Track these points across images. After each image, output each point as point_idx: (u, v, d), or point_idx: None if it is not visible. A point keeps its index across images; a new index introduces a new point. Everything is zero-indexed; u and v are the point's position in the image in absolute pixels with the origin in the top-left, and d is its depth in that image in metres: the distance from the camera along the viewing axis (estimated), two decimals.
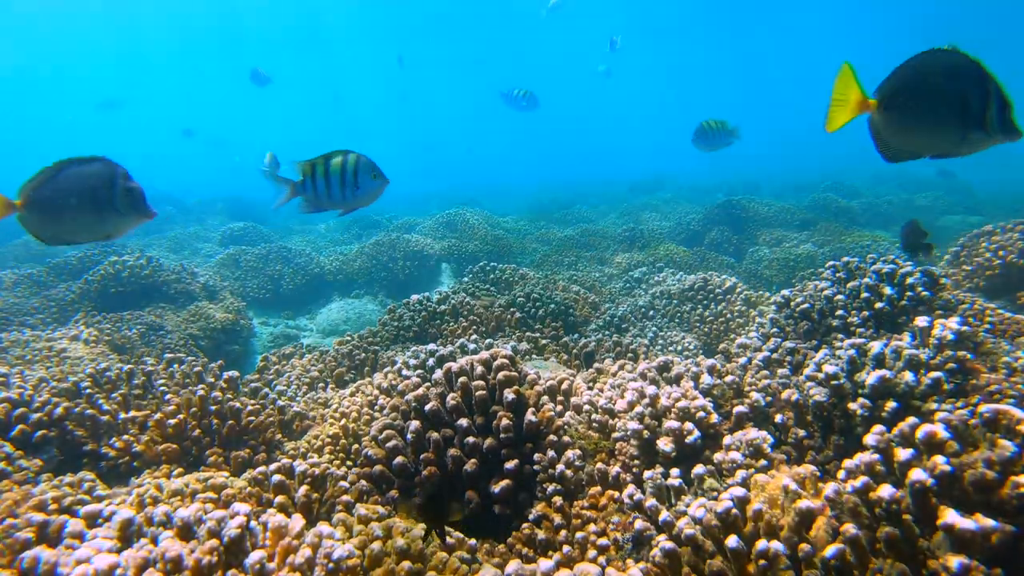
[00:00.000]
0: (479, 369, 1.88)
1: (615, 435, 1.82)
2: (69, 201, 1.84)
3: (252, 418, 2.22)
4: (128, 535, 1.21)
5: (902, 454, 1.06)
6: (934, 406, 1.57)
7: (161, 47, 39.74)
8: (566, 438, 1.82)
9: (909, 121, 1.53)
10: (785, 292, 2.61)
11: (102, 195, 1.86)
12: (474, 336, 3.18)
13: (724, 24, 34.29)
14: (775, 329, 2.52)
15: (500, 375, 1.85)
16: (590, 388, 2.29)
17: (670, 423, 1.68)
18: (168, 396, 2.35)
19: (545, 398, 1.91)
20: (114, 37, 38.34)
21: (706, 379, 1.89)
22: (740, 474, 1.48)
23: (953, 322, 1.97)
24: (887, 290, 2.26)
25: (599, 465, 1.72)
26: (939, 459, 1.02)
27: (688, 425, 1.67)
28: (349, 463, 2.13)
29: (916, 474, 1.00)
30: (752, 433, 1.62)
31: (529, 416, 1.80)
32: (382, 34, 37.23)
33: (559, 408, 2.00)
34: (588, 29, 34.99)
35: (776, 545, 1.11)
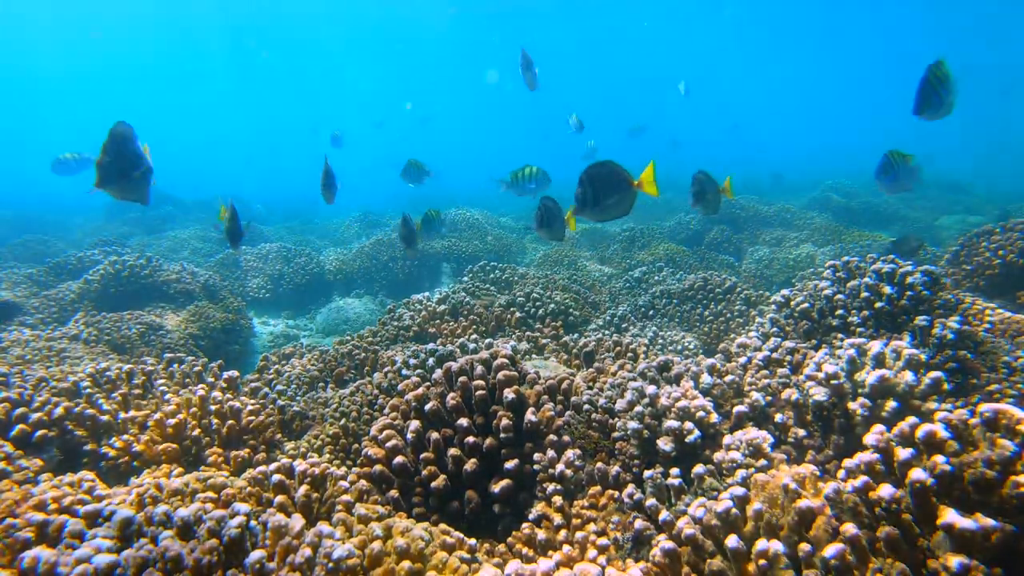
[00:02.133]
0: (479, 369, 1.88)
1: (615, 435, 1.82)
2: None
3: (252, 418, 2.22)
4: (128, 535, 1.21)
5: (902, 454, 1.06)
6: (934, 406, 1.57)
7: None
8: (566, 438, 1.82)
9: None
10: (785, 292, 2.61)
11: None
12: (474, 336, 3.18)
13: (724, 24, 34.32)
14: (775, 329, 2.52)
15: (500, 375, 1.85)
16: (590, 388, 2.29)
17: (670, 423, 1.68)
18: (168, 396, 2.35)
19: (545, 397, 1.91)
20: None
21: (706, 379, 1.89)
22: (740, 474, 1.48)
23: (953, 321, 1.97)
24: (887, 289, 2.26)
25: (599, 465, 1.72)
26: (939, 459, 1.02)
27: (688, 425, 1.67)
28: (349, 463, 2.13)
29: (916, 474, 1.00)
30: (752, 433, 1.61)
31: (529, 416, 1.80)
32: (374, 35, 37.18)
33: (559, 408, 2.00)
34: (584, 28, 35.02)
35: (776, 545, 1.11)
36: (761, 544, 1.12)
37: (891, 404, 1.58)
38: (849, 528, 1.05)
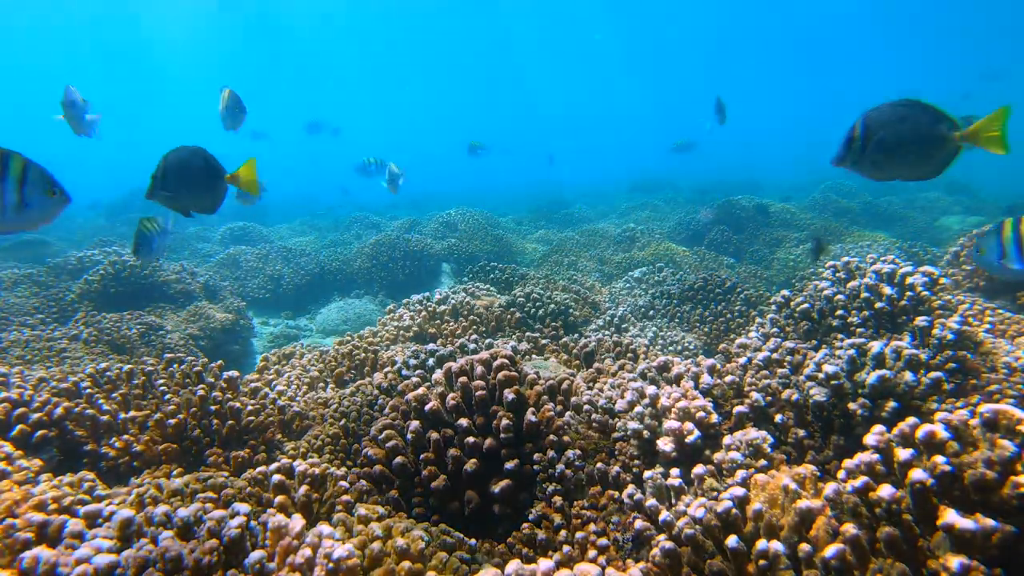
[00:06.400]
0: (479, 369, 1.88)
1: (615, 435, 1.82)
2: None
3: (252, 418, 2.22)
4: (128, 535, 1.21)
5: (902, 454, 1.06)
6: (934, 406, 1.57)
7: None
8: (566, 438, 1.82)
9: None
10: (785, 292, 2.61)
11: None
12: (474, 336, 3.18)
13: (724, 23, 34.34)
14: (775, 329, 2.52)
15: (500, 375, 1.85)
16: (590, 388, 2.29)
17: (670, 423, 1.68)
18: (168, 396, 2.35)
19: (545, 398, 1.91)
20: None
21: (706, 379, 1.89)
22: (740, 474, 1.48)
23: (953, 322, 1.97)
24: (887, 290, 2.26)
25: (599, 465, 1.72)
26: (939, 459, 1.02)
27: (688, 425, 1.67)
28: (349, 463, 2.13)
29: (916, 474, 1.00)
30: (752, 433, 1.62)
31: (529, 416, 1.80)
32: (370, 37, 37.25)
33: (559, 408, 2.00)
34: (581, 28, 35.04)
35: (776, 545, 1.11)
36: (761, 544, 1.12)
37: (891, 404, 1.58)
38: (849, 528, 1.05)
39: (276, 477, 1.63)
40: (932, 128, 1.71)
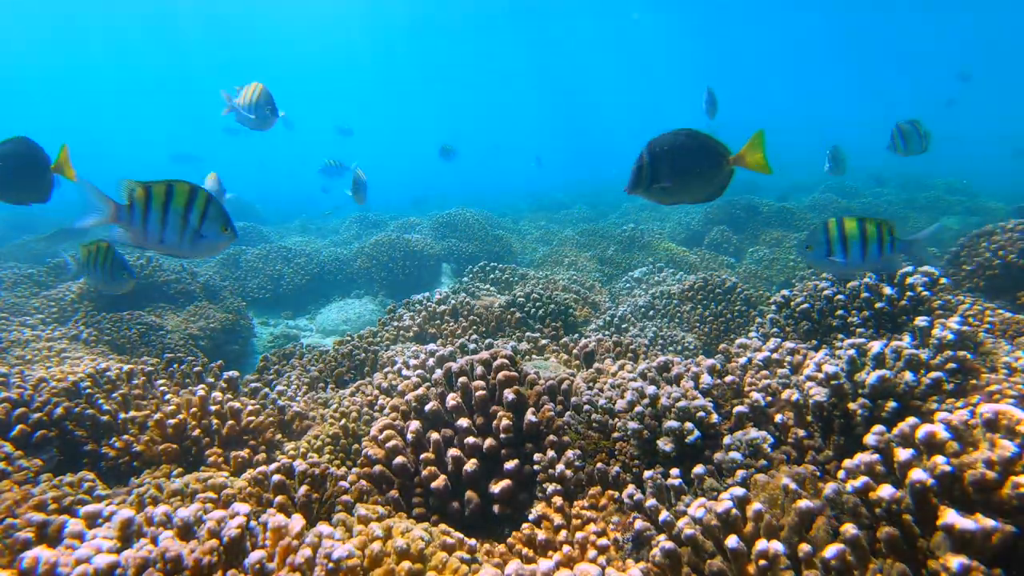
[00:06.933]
0: (479, 369, 1.88)
1: (615, 435, 1.82)
2: None
3: (252, 418, 2.22)
4: (128, 535, 1.21)
5: (902, 454, 1.06)
6: (934, 406, 1.57)
7: None
8: (566, 438, 1.82)
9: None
10: (785, 292, 2.61)
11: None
12: (474, 336, 3.18)
13: (722, 25, 34.37)
14: (775, 329, 2.52)
15: (500, 375, 1.85)
16: (590, 388, 2.29)
17: (670, 423, 1.68)
18: (168, 396, 2.35)
19: (545, 398, 1.91)
20: None
21: (706, 379, 1.89)
22: (740, 474, 1.48)
23: (953, 322, 1.97)
24: (887, 290, 2.26)
25: (599, 465, 1.72)
26: (939, 459, 1.02)
27: (688, 425, 1.67)
28: (349, 463, 2.13)
29: (916, 474, 1.00)
30: (752, 433, 1.62)
31: (529, 416, 1.80)
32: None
33: (559, 408, 2.00)
34: (586, 29, 35.06)
35: (776, 545, 1.10)
36: (761, 544, 1.12)
37: (891, 404, 1.58)
38: (849, 529, 1.05)
39: (276, 477, 1.63)
40: (709, 155, 1.84)
